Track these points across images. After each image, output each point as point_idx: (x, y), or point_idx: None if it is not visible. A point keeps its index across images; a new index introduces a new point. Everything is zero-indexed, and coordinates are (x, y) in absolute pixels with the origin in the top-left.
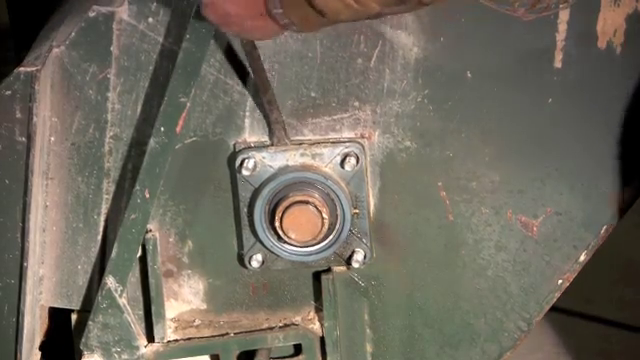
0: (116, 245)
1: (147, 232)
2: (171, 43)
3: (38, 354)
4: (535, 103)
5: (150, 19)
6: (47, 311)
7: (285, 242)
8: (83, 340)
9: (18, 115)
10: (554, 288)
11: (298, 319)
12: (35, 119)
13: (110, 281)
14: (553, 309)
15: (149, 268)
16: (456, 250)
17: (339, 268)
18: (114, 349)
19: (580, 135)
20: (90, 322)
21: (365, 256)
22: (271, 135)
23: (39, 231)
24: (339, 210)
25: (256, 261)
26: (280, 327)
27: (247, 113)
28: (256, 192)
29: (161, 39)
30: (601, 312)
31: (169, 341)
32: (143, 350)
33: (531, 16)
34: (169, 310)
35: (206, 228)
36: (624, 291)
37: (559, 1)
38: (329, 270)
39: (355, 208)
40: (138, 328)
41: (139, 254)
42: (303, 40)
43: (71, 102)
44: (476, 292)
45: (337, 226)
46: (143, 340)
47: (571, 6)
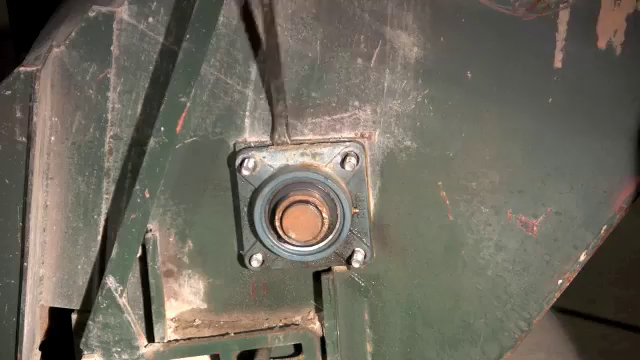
0: (116, 245)
1: (147, 232)
2: (171, 43)
3: (38, 354)
4: (535, 103)
5: (150, 19)
6: (47, 311)
7: (285, 242)
8: (83, 340)
9: (18, 115)
10: (554, 288)
11: (298, 319)
12: (35, 119)
13: (110, 281)
14: (553, 309)
15: (149, 268)
16: (456, 250)
17: (339, 268)
18: (114, 349)
19: (580, 135)
20: (90, 322)
21: (365, 256)
22: (272, 130)
23: (39, 231)
24: (339, 210)
25: (256, 261)
26: (280, 327)
27: (247, 113)
28: (256, 192)
29: (161, 39)
30: (601, 312)
31: (169, 341)
32: (143, 350)
33: (531, 16)
34: (169, 310)
35: (206, 228)
36: (624, 291)
37: (559, 1)
38: (329, 270)
39: (355, 208)
40: (138, 328)
41: (139, 254)
42: (303, 40)
43: (71, 102)
44: (476, 292)
45: (337, 226)
46: (143, 340)
47: (571, 6)
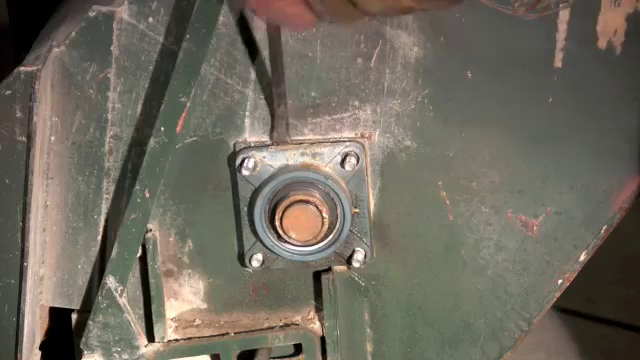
0: (116, 245)
1: (147, 232)
2: (171, 43)
3: (38, 354)
4: (535, 103)
5: (150, 19)
6: (47, 311)
7: (285, 241)
8: (83, 340)
9: (18, 115)
10: (554, 288)
11: (298, 319)
12: (35, 119)
13: (110, 281)
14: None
15: (149, 268)
16: (456, 250)
17: (339, 268)
18: (114, 349)
19: (580, 135)
20: (90, 322)
21: (365, 256)
22: (272, 130)
23: (39, 231)
24: (339, 209)
25: (256, 260)
26: (280, 327)
27: (247, 113)
28: (256, 192)
29: (161, 39)
30: (602, 312)
31: (169, 341)
32: (143, 350)
33: (531, 16)
34: (169, 310)
35: (206, 228)
36: (624, 291)
37: (559, 1)
38: (329, 270)
39: (355, 207)
40: (138, 328)
41: (139, 254)
42: (303, 40)
43: (71, 102)
44: (476, 292)
45: (337, 226)
46: (143, 340)
47: (571, 6)
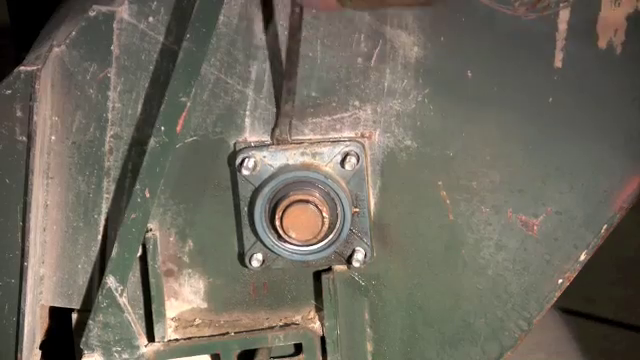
0: (116, 244)
1: (147, 231)
2: (171, 42)
3: (38, 353)
4: (535, 103)
5: (150, 18)
6: (47, 310)
7: (285, 241)
8: (83, 339)
9: (18, 114)
10: (554, 287)
11: (298, 318)
12: (35, 118)
13: (110, 280)
14: (554, 308)
15: (149, 267)
16: (456, 249)
17: (339, 267)
18: (114, 348)
19: (580, 135)
20: (90, 321)
21: (366, 255)
22: (274, 128)
23: (39, 230)
24: (339, 209)
25: (256, 260)
26: (280, 326)
27: (247, 112)
28: (256, 191)
29: (161, 38)
30: (602, 312)
31: (169, 340)
32: (143, 349)
33: (531, 15)
34: (169, 309)
35: (206, 227)
36: (624, 291)
37: (559, 0)
38: (329, 269)
39: (355, 207)
40: (138, 327)
41: (139, 253)
42: (303, 40)
43: (71, 101)
44: (476, 291)
45: (337, 225)
46: (143, 339)
47: (571, 5)
